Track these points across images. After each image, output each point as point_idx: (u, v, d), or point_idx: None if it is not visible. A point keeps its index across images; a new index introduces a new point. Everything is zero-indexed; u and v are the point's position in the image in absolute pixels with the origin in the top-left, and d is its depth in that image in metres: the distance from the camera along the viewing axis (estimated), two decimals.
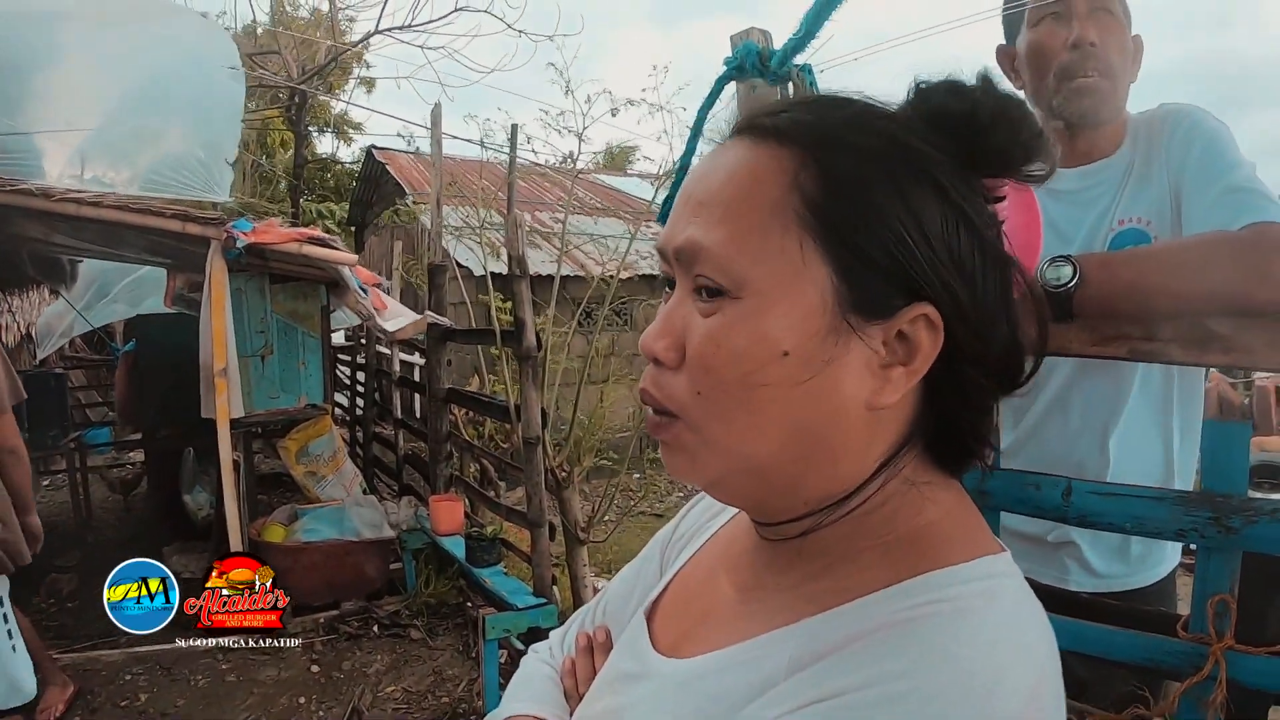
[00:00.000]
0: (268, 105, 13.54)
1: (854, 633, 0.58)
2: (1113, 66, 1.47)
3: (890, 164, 0.61)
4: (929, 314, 0.60)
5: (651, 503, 7.97)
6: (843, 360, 0.60)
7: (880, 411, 0.63)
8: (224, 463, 4.70)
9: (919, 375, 0.62)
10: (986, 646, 0.55)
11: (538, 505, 4.44)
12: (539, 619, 4.03)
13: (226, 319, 4.65)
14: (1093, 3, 1.47)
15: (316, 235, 4.92)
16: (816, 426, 0.62)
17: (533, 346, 4.43)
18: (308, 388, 6.16)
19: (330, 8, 11.64)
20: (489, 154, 7.49)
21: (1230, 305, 1.11)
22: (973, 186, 0.64)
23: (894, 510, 0.65)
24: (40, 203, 4.42)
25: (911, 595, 0.59)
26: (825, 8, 1.27)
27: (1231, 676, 1.07)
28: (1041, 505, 1.19)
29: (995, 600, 0.59)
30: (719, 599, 0.75)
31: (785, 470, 0.64)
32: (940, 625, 0.56)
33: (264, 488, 7.05)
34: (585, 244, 10.81)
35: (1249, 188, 1.29)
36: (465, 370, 9.29)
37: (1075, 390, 1.53)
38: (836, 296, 0.60)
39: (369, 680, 4.35)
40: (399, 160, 14.55)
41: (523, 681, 0.95)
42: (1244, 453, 1.08)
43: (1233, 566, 1.08)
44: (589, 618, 0.96)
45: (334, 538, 5.17)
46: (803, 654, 0.60)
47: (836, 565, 0.65)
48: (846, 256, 0.60)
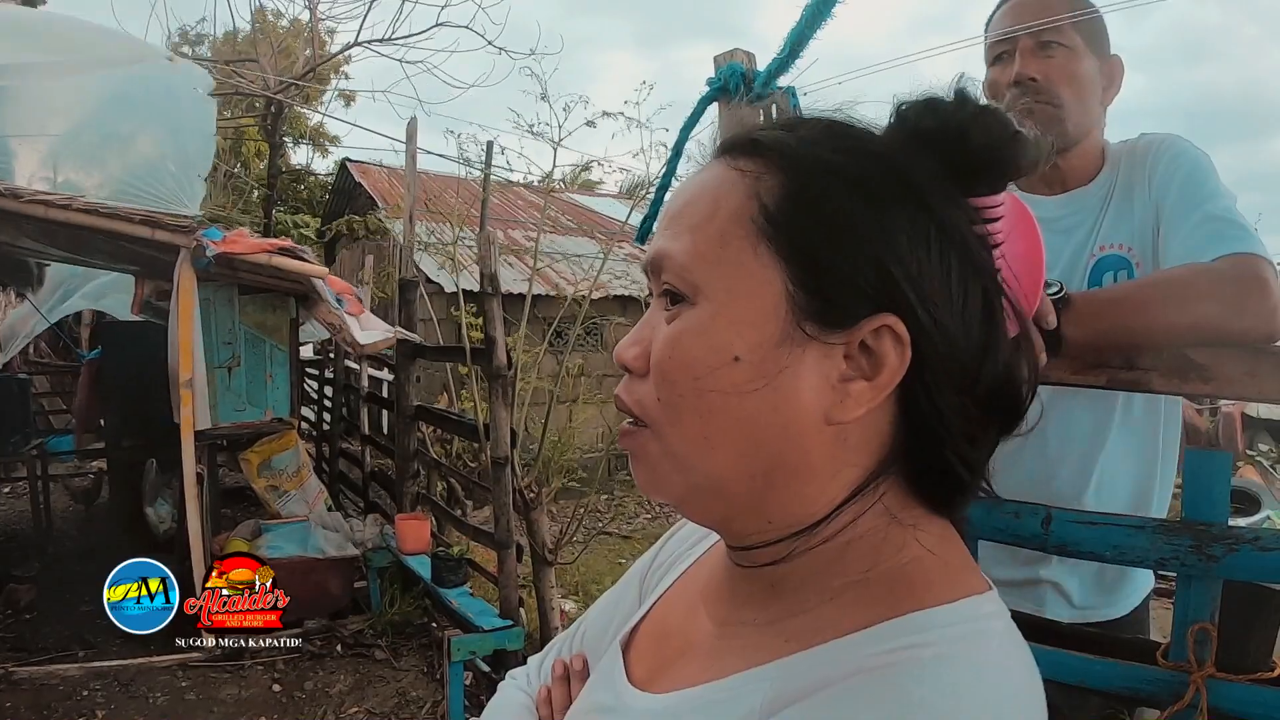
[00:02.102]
0: (243, 113, 13.48)
1: (831, 675, 0.56)
2: (1057, 96, 1.50)
3: (855, 175, 0.61)
4: (892, 325, 0.58)
5: (619, 524, 7.94)
6: (797, 370, 0.59)
7: (846, 430, 0.61)
8: (187, 475, 4.65)
9: (884, 391, 0.60)
10: (966, 697, 0.53)
11: (505, 525, 4.41)
12: (505, 641, 4.00)
13: (194, 329, 4.62)
14: (1040, 38, 1.50)
15: (287, 246, 4.89)
16: (772, 439, 0.60)
17: (503, 365, 4.41)
18: (274, 401, 6.11)
19: (311, 18, 11.61)
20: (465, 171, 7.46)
21: (1209, 337, 1.14)
22: (956, 202, 0.63)
23: (874, 545, 0.63)
24: (8, 203, 4.39)
25: (889, 639, 0.57)
26: (808, 28, 1.27)
27: (1213, 704, 1.07)
28: (1020, 534, 1.18)
29: (977, 645, 0.57)
30: (696, 632, 0.73)
31: (745, 487, 0.62)
32: (917, 673, 0.54)
33: (227, 502, 6.94)
34: (558, 263, 10.81)
35: (1227, 218, 1.32)
36: (434, 387, 9.23)
37: (1053, 417, 1.53)
38: (791, 304, 0.59)
39: (332, 701, 4.28)
40: (373, 173, 14.51)
41: (498, 709, 0.93)
42: (1225, 482, 1.09)
43: (1213, 594, 1.09)
44: (567, 645, 0.94)
45: (298, 555, 5.11)
46: (778, 696, 0.58)
47: (814, 602, 0.63)
48: (803, 264, 0.59)
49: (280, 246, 4.84)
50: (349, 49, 11.50)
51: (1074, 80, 1.50)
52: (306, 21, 11.87)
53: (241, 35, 12.66)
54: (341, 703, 4.27)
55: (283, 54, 11.89)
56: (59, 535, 6.98)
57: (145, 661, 4.47)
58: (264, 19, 12.09)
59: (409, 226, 6.11)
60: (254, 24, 11.89)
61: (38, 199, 4.47)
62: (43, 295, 8.57)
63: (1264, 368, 1.11)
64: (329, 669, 4.64)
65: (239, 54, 12.30)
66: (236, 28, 12.36)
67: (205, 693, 4.31)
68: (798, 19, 1.28)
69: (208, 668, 4.50)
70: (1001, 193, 0.65)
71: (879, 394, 0.59)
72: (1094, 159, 1.57)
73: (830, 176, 0.61)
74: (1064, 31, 1.49)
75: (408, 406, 5.86)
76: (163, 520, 6.06)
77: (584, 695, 0.82)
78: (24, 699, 4.13)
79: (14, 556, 6.34)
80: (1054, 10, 1.49)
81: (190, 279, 4.63)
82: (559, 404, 6.29)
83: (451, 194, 8.36)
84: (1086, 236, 1.53)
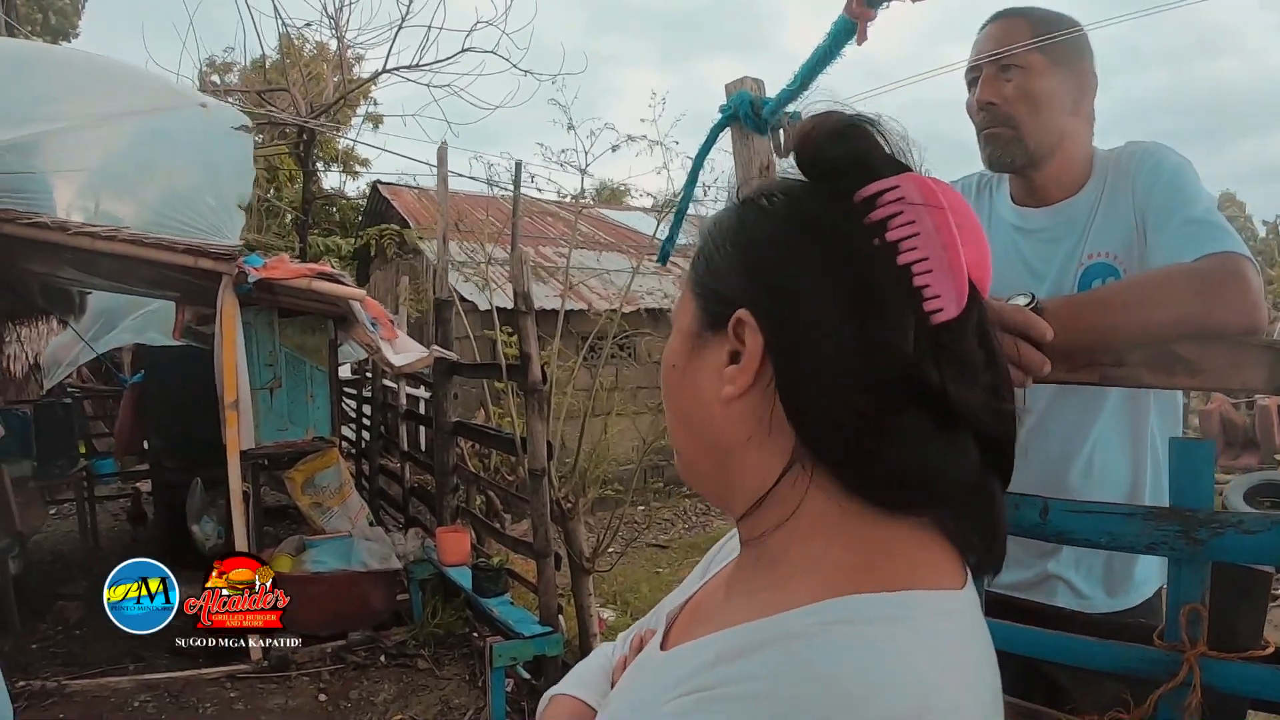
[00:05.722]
0: (276, 140, 13.69)
1: (763, 639, 0.63)
2: (1014, 117, 1.59)
3: (729, 210, 0.79)
4: (743, 317, 0.70)
5: (655, 534, 8.00)
6: (699, 366, 0.75)
7: (739, 409, 0.71)
8: (234, 493, 4.76)
9: (750, 370, 0.69)
10: (861, 668, 0.58)
11: (543, 535, 4.49)
12: (545, 647, 4.07)
13: (238, 352, 4.74)
14: (1000, 63, 1.59)
15: (325, 271, 5.02)
16: (698, 421, 0.76)
17: (538, 380, 4.50)
18: (315, 420, 6.22)
19: (338, 46, 11.79)
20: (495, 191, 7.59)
21: (1189, 330, 1.19)
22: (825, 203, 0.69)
23: (828, 532, 0.68)
24: (56, 236, 4.54)
25: (815, 614, 0.62)
26: (819, 64, 1.36)
27: (1206, 682, 1.13)
28: (1021, 524, 1.25)
29: (891, 629, 0.61)
30: (715, 602, 0.84)
31: (704, 465, 0.78)
32: (817, 643, 0.60)
33: (269, 520, 7.07)
34: (589, 279, 10.89)
35: (1208, 220, 1.38)
36: (471, 404, 9.34)
37: (1053, 416, 1.61)
38: (696, 321, 0.76)
39: (376, 709, 4.38)
40: (404, 195, 14.69)
41: (581, 668, 1.07)
42: (1209, 469, 1.15)
43: (1202, 577, 1.14)
44: (647, 622, 1.05)
45: (341, 568, 5.22)
46: (722, 651, 0.65)
47: (782, 577, 0.70)
48: (699, 291, 0.77)
49: (319, 271, 4.98)
50: (377, 76, 11.66)
51: (1030, 100, 1.58)
52: (334, 50, 12.05)
53: (270, 63, 12.87)
54: (386, 711, 4.36)
55: (312, 80, 12.06)
56: (105, 554, 7.09)
57: (194, 673, 4.59)
58: (290, 46, 12.28)
59: (442, 247, 6.22)
60: (281, 51, 12.09)
61: (84, 231, 4.63)
62: (85, 323, 8.79)
63: (1246, 359, 1.16)
64: (373, 679, 4.74)
65: (269, 82, 12.50)
66: (265, 55, 12.58)
67: (253, 703, 4.42)
68: (809, 56, 1.37)
69: (255, 678, 4.62)
70: (877, 181, 0.67)
71: (746, 374, 0.70)
72: (1079, 169, 1.64)
73: (717, 220, 0.79)
74: (1024, 54, 1.57)
75: (446, 422, 5.96)
76: (208, 537, 6.19)
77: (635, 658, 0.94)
78: (77, 710, 4.26)
79: (62, 575, 6.49)
80: (1016, 36, 1.58)
81: (233, 304, 4.77)
82: (594, 417, 6.38)
83: (481, 212, 8.48)
84: (1075, 245, 1.60)
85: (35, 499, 6.88)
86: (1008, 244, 1.70)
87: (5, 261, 5.64)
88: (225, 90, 13.69)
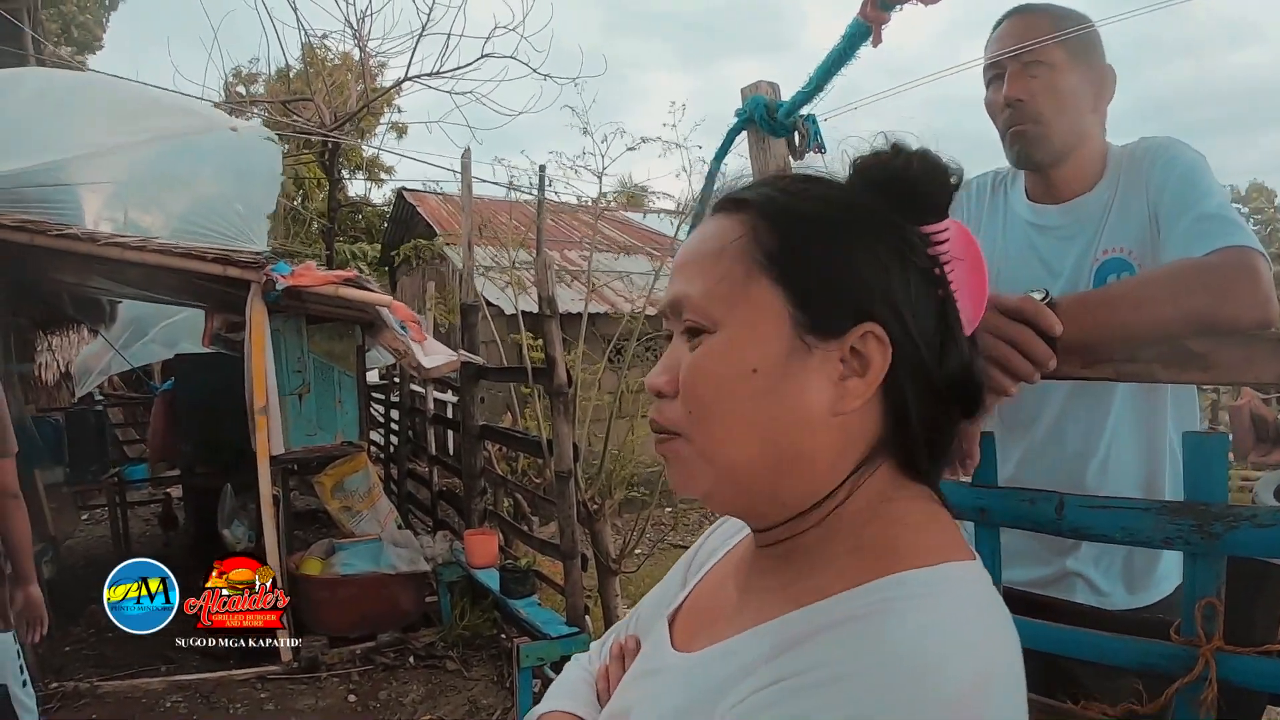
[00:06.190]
0: (301, 149, 13.81)
1: (824, 623, 0.67)
2: (1042, 114, 1.59)
3: (828, 215, 0.76)
4: (875, 331, 0.72)
5: (682, 535, 8.00)
6: (803, 374, 0.73)
7: (847, 421, 0.74)
8: (264, 497, 4.82)
9: (874, 385, 0.73)
10: (935, 635, 0.63)
11: (570, 536, 4.52)
12: (572, 648, 4.09)
13: (267, 359, 4.79)
14: (1024, 59, 1.59)
15: (353, 277, 5.07)
16: (786, 431, 0.73)
17: (564, 383, 4.53)
18: (344, 425, 6.27)
19: (361, 55, 11.90)
20: (517, 195, 7.64)
21: (1201, 326, 1.20)
22: (907, 230, 0.76)
23: (868, 519, 0.75)
24: (86, 247, 4.61)
25: (874, 592, 0.67)
26: (833, 67, 1.37)
27: (1221, 676, 1.13)
28: (1037, 519, 1.26)
29: (948, 598, 0.67)
30: (725, 601, 0.86)
31: (762, 475, 0.75)
32: (895, 616, 0.64)
33: (299, 524, 7.15)
34: (613, 281, 10.91)
35: (1220, 214, 1.39)
36: (497, 407, 9.38)
37: (1070, 415, 1.61)
38: (793, 322, 0.73)
39: (405, 710, 4.42)
40: (429, 201, 14.79)
41: (561, 683, 1.07)
42: (1222, 463, 1.16)
43: (1218, 571, 1.14)
44: (623, 630, 1.08)
45: (371, 571, 5.27)
46: (780, 641, 0.69)
47: (817, 568, 0.75)
48: (798, 289, 0.74)
49: (346, 278, 5.02)
50: (400, 84, 11.75)
51: (1057, 97, 1.58)
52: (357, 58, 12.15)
53: (294, 72, 12.98)
54: (414, 711, 4.40)
55: (335, 89, 12.17)
56: (137, 558, 7.19)
57: (225, 675, 4.65)
58: (314, 56, 12.39)
59: (468, 253, 6.26)
60: (304, 61, 12.20)
61: (114, 241, 4.71)
62: (115, 331, 8.90)
63: (1259, 353, 1.16)
64: (402, 680, 4.78)
65: (293, 92, 12.62)
66: (289, 65, 12.69)
67: (283, 703, 4.47)
68: (823, 58, 1.38)
69: (285, 679, 4.68)
70: (944, 220, 0.78)
71: (870, 388, 0.73)
72: (1094, 166, 1.64)
73: (812, 219, 0.76)
74: (1048, 50, 1.57)
75: (473, 426, 6.00)
76: (239, 541, 6.24)
77: (635, 665, 0.95)
78: (108, 711, 4.33)
79: (95, 579, 6.57)
80: (1038, 31, 1.58)
81: (261, 312, 4.83)
82: (619, 419, 6.40)
83: (505, 217, 8.52)
84: (1090, 242, 1.60)
85: (68, 504, 6.98)
86: (1023, 241, 1.70)
87: (36, 272, 5.73)
88: (251, 101, 13.84)
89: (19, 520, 2.72)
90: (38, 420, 6.82)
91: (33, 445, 5.96)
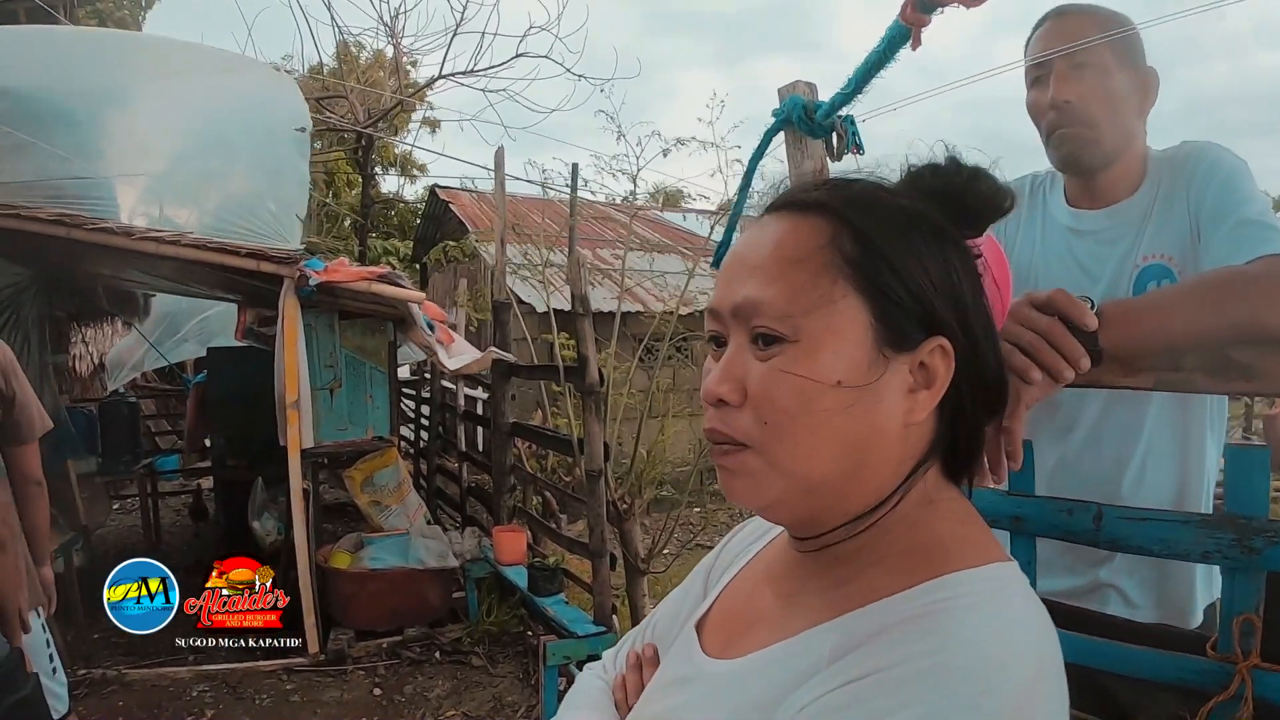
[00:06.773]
0: (334, 146, 13.91)
1: (885, 624, 0.68)
2: (1092, 117, 1.55)
3: (904, 224, 0.76)
4: (943, 345, 0.74)
5: (710, 536, 7.97)
6: (881, 387, 0.73)
7: (910, 429, 0.75)
8: (294, 490, 4.86)
9: (938, 397, 0.75)
10: (991, 634, 0.65)
11: (599, 536, 4.52)
12: (599, 646, 4.07)
13: (299, 354, 4.83)
14: (1072, 60, 1.55)
15: (386, 274, 5.10)
16: (863, 442, 0.74)
17: (595, 382, 4.53)
18: (375, 420, 6.31)
19: (395, 53, 11.97)
20: (551, 194, 7.65)
21: (1246, 335, 1.16)
22: (961, 241, 0.80)
23: (914, 521, 0.77)
24: (122, 241, 4.68)
25: (930, 594, 0.69)
26: (873, 70, 1.35)
27: (1258, 694, 1.10)
28: (1074, 530, 1.24)
29: (999, 598, 0.69)
30: (763, 607, 0.86)
31: (834, 485, 0.75)
32: (957, 615, 0.66)
33: (328, 517, 7.19)
34: (645, 280, 10.90)
35: (1262, 221, 1.36)
36: (528, 405, 9.40)
37: (1107, 423, 1.59)
38: (874, 334, 0.73)
39: (430, 704, 4.44)
40: (461, 199, 14.84)
41: (577, 693, 1.06)
42: (1264, 476, 1.13)
43: (1257, 586, 1.12)
44: (639, 637, 1.06)
45: (399, 565, 5.30)
46: (841, 644, 0.70)
47: (867, 570, 0.76)
48: (880, 301, 0.73)
49: (379, 274, 5.06)
50: (434, 82, 11.82)
51: (1107, 99, 1.55)
52: (390, 56, 12.23)
53: (328, 69, 13.07)
54: (439, 706, 4.42)
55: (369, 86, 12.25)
56: (166, 548, 7.30)
57: (252, 665, 4.69)
58: (348, 53, 12.48)
59: (500, 251, 6.27)
60: (338, 58, 12.29)
61: (149, 235, 4.77)
62: (149, 327, 9.03)
63: None
64: (428, 674, 4.80)
65: (327, 89, 12.71)
66: (322, 62, 12.79)
67: (309, 695, 4.51)
68: (862, 60, 1.36)
69: (312, 671, 4.71)
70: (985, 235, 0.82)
71: (934, 400, 0.76)
72: (1136, 170, 1.61)
73: (888, 227, 0.76)
74: (1096, 51, 1.54)
75: (504, 423, 6.01)
76: (268, 533, 6.31)
77: (660, 673, 0.94)
78: (136, 699, 4.38)
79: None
80: (1086, 31, 1.54)
81: (294, 307, 4.86)
82: (650, 418, 6.40)
83: (538, 215, 8.53)
84: (1130, 247, 1.57)
85: (100, 494, 7.05)
86: (1062, 246, 1.67)
87: (72, 265, 5.81)
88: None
89: (40, 506, 2.85)
90: (71, 411, 6.93)
91: (66, 435, 6.05)
